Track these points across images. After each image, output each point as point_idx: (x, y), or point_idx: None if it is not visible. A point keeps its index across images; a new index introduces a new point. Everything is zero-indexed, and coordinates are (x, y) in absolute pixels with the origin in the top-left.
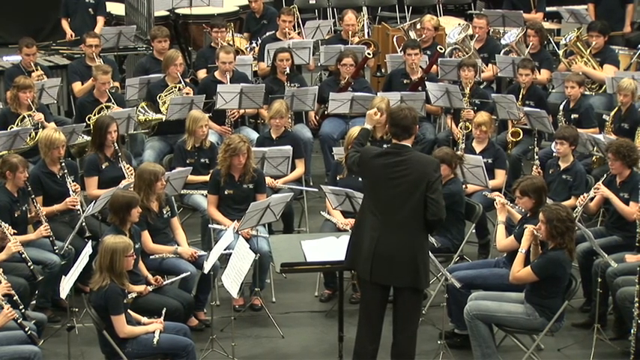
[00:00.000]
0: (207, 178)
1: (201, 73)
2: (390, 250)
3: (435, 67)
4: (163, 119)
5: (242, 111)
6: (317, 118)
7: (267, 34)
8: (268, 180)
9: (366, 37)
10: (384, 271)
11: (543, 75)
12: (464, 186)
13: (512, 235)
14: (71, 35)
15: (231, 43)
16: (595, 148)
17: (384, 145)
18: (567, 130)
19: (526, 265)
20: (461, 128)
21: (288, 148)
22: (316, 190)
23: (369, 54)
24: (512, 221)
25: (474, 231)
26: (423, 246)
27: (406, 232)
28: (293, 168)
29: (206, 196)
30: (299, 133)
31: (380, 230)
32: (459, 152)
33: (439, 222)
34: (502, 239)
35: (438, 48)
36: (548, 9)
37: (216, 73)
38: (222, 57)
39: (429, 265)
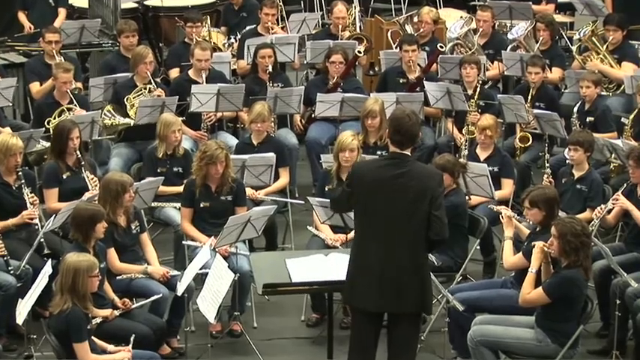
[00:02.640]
0: (180, 189)
1: (174, 72)
2: (398, 275)
3: (434, 65)
4: (131, 124)
5: (219, 114)
6: (303, 122)
7: (248, 28)
8: (249, 191)
9: (358, 31)
10: (391, 299)
11: (555, 73)
12: (467, 197)
13: (521, 252)
14: (30, 28)
15: (207, 38)
16: (613, 155)
17: (379, 153)
18: (582, 134)
19: (537, 286)
20: (463, 133)
21: (271, 155)
22: (302, 202)
23: (359, 52)
24: (520, 237)
25: (478, 247)
26: (427, 267)
27: (411, 253)
28: (276, 178)
29: (179, 209)
30: (283, 139)
31: (384, 254)
32: (461, 160)
33: (442, 243)
34: (509, 257)
35: (438, 46)
36: (560, 0)
37: (191, 72)
38: (197, 54)
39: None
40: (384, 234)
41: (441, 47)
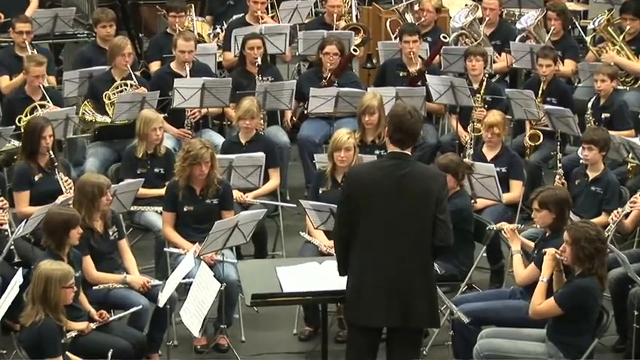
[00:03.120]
0: (162, 191)
1: (155, 66)
2: (406, 286)
3: (437, 57)
4: (109, 122)
5: (204, 110)
6: (294, 119)
7: (235, 17)
8: (236, 194)
9: (354, 21)
10: (400, 312)
11: (567, 66)
12: (472, 200)
13: (532, 263)
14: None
15: (191, 28)
16: (630, 155)
17: (377, 152)
18: (597, 132)
19: (548, 296)
20: (469, 130)
21: (260, 155)
22: (294, 205)
23: (355, 50)
24: (527, 251)
25: (484, 255)
26: (434, 276)
27: (419, 261)
28: (266, 179)
29: (161, 213)
30: (273, 137)
31: (389, 264)
32: (466, 159)
33: (447, 249)
34: (521, 271)
35: (441, 36)
36: None
37: (173, 65)
38: (180, 45)
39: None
40: (387, 242)
41: (445, 38)
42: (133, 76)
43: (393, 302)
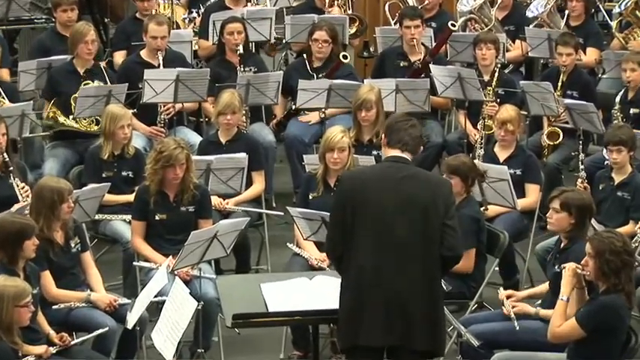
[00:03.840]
0: (131, 197)
1: (122, 55)
2: (407, 304)
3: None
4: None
5: (179, 106)
6: (274, 121)
7: (213, 0)
8: (215, 200)
9: (349, 6)
10: (398, 331)
11: (590, 55)
12: (483, 207)
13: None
14: None
15: (163, 12)
16: None
17: (374, 152)
18: (623, 131)
19: (569, 317)
20: (479, 128)
21: (243, 156)
22: (281, 213)
23: (345, 56)
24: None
25: (497, 269)
26: (442, 294)
27: (422, 277)
28: (249, 184)
29: (129, 222)
30: (257, 136)
31: (389, 279)
32: (476, 160)
33: (456, 260)
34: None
35: (449, 24)
36: None
37: (143, 53)
38: (152, 30)
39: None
40: (387, 254)
41: (453, 26)
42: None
43: (392, 319)
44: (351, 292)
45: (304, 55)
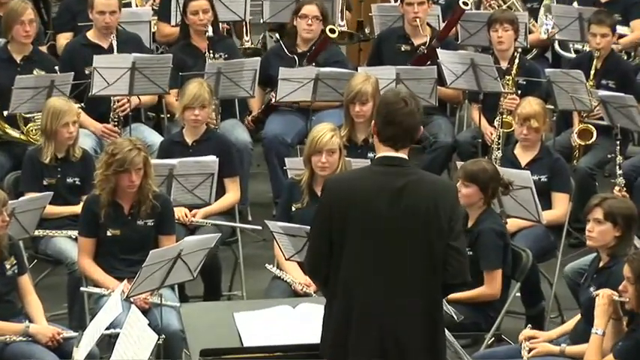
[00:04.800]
0: (77, 209)
1: (66, 38)
2: (403, 335)
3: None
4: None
5: (136, 100)
6: (250, 117)
7: None
8: (179, 212)
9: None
10: None
11: (633, 34)
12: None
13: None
14: None
15: None
16: None
17: (370, 155)
18: None
19: (605, 353)
20: (495, 125)
21: (212, 159)
22: (259, 228)
23: (332, 30)
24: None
25: (518, 294)
26: (442, 325)
27: (424, 305)
28: (221, 193)
29: (76, 239)
30: (229, 135)
31: (382, 307)
32: (496, 164)
33: (462, 287)
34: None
35: (460, 1)
36: None
37: (90, 34)
38: (98, 4)
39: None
40: (379, 277)
41: (465, 4)
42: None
43: (386, 351)
44: (336, 324)
45: (286, 39)
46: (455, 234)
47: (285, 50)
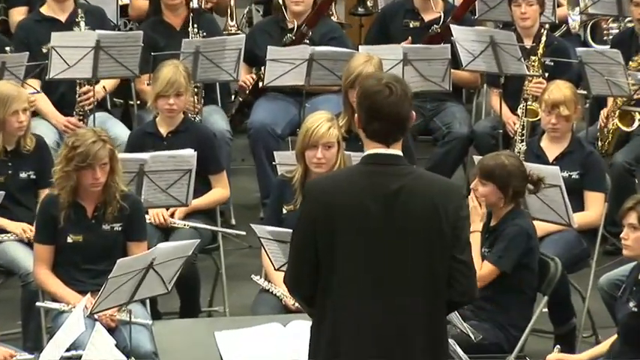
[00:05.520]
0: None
1: (20, 13)
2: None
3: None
4: None
5: (101, 91)
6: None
7: None
8: (153, 212)
9: None
10: None
11: None
12: None
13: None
14: None
15: None
16: None
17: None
18: None
19: None
20: (519, 114)
21: (190, 153)
22: (243, 233)
23: None
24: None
25: (545, 310)
26: (447, 343)
27: (426, 326)
28: (201, 192)
29: (31, 245)
30: (211, 125)
31: (376, 327)
32: (521, 157)
33: (468, 304)
34: None
35: None
36: None
37: (44, 9)
38: None
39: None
40: (374, 291)
41: None
42: None
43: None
44: (323, 346)
45: (274, 12)
46: (461, 245)
47: (276, 26)
